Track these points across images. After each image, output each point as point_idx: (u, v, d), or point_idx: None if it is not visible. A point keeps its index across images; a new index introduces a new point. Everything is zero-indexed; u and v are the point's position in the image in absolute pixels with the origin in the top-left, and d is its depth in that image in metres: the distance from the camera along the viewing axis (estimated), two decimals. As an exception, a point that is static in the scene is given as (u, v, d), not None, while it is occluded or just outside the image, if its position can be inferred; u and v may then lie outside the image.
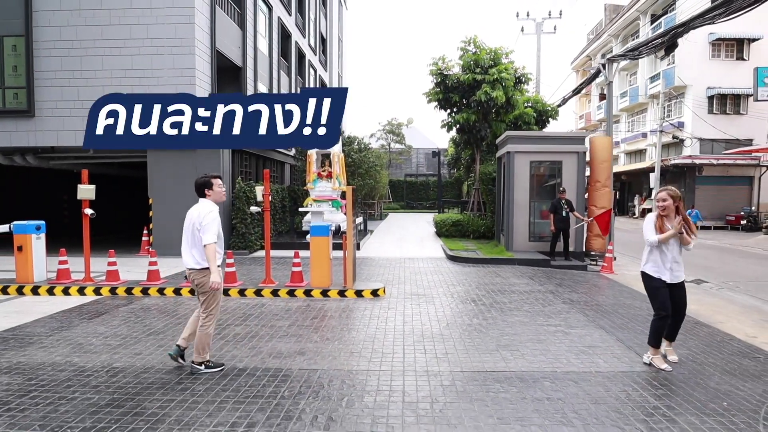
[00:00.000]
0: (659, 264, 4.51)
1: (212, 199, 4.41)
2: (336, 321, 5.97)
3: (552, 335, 5.43)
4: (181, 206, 12.50)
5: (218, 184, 4.44)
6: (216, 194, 4.42)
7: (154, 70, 12.24)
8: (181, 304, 6.85)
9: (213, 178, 4.43)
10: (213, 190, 4.41)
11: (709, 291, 9.17)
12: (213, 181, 4.41)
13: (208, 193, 4.39)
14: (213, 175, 4.49)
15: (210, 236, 4.15)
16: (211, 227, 4.18)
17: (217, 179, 4.45)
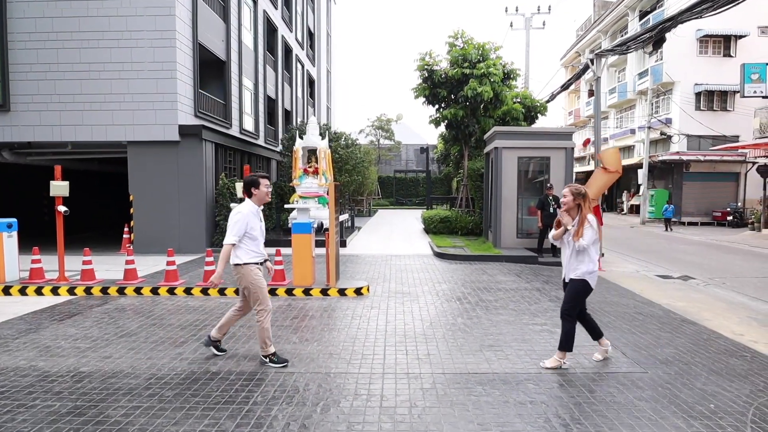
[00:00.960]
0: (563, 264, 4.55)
1: (256, 199, 4.42)
2: (317, 321, 5.80)
3: (537, 335, 5.32)
4: (162, 203, 12.37)
5: (265, 184, 4.43)
6: (260, 194, 4.42)
7: (134, 63, 11.93)
8: (158, 304, 6.63)
9: (261, 178, 4.43)
10: (259, 190, 4.40)
11: (696, 287, 9.13)
12: (261, 181, 4.41)
13: (254, 191, 4.39)
14: (261, 174, 4.48)
15: (228, 237, 4.23)
16: (233, 229, 4.22)
17: (265, 179, 4.45)
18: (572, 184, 4.50)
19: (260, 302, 4.33)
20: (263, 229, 4.55)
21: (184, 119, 12.26)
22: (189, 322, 5.74)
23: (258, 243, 4.39)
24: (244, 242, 4.29)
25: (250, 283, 4.30)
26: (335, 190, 6.90)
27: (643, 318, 6.18)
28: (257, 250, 4.36)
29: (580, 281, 4.34)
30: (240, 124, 16.12)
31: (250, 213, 4.31)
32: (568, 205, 4.38)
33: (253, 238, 4.32)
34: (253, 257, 4.34)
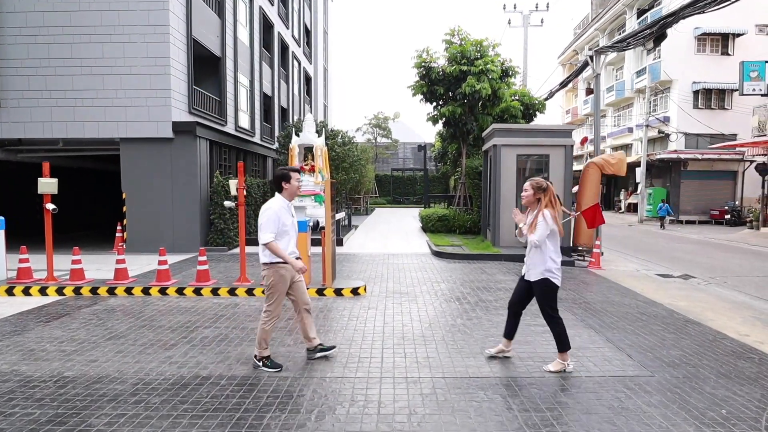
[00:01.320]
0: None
1: (287, 193, 4.26)
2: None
3: (539, 336, 5.16)
4: (156, 201, 12.16)
5: (296, 177, 4.29)
6: (292, 188, 4.26)
7: (127, 58, 11.71)
8: (148, 305, 6.44)
9: (292, 171, 4.29)
10: (290, 184, 4.24)
11: (697, 287, 9.01)
12: (292, 174, 4.26)
13: (285, 186, 4.23)
14: (292, 168, 4.34)
15: (265, 236, 4.05)
16: (266, 226, 4.07)
17: (296, 173, 4.30)
18: (534, 178, 4.39)
19: (271, 304, 4.20)
20: (295, 225, 4.38)
21: (178, 116, 12.05)
22: (180, 323, 5.56)
23: (289, 240, 4.23)
24: (276, 240, 4.11)
25: (270, 283, 4.16)
26: (331, 187, 6.72)
27: (646, 318, 6.04)
28: (287, 248, 4.19)
29: (541, 281, 4.22)
30: (235, 121, 15.91)
31: (281, 208, 4.15)
32: (528, 199, 4.26)
33: (283, 234, 4.15)
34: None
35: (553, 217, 4.17)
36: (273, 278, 4.15)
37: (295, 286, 4.30)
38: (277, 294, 4.18)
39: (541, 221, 4.13)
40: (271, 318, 4.20)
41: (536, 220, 4.16)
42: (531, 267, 4.28)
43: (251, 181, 14.48)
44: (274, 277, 4.15)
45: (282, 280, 4.16)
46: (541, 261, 4.19)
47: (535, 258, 4.23)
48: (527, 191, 4.26)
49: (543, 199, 4.20)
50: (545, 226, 4.13)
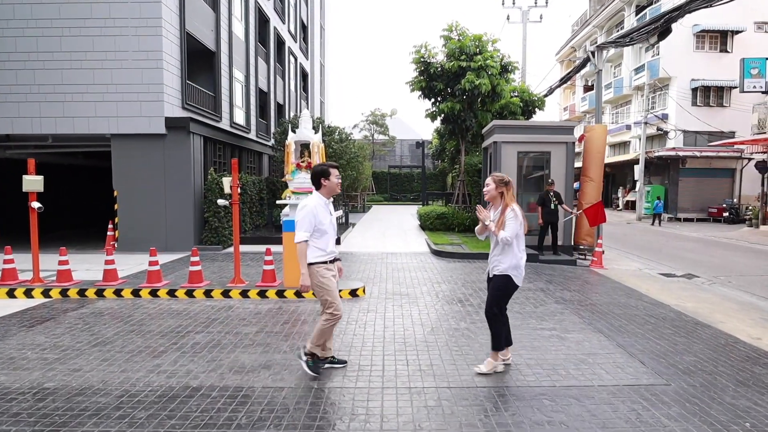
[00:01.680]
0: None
1: (325, 190, 4.07)
2: (309, 327, 5.38)
3: (547, 341, 4.94)
4: (148, 199, 11.85)
5: (335, 174, 4.10)
6: (331, 185, 4.07)
7: (118, 52, 11.39)
8: (138, 308, 6.18)
9: (331, 167, 4.09)
10: (329, 181, 4.05)
11: (702, 287, 8.84)
12: (331, 171, 4.06)
13: (323, 182, 4.04)
14: (331, 164, 4.14)
15: (298, 235, 3.89)
16: (301, 224, 3.90)
17: (335, 169, 4.11)
18: (495, 173, 4.26)
19: (329, 305, 3.97)
20: (334, 223, 4.16)
21: (171, 111, 11.75)
22: (170, 328, 5.30)
23: (327, 239, 4.02)
24: (312, 238, 3.94)
25: (316, 285, 3.95)
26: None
27: (655, 321, 5.83)
28: (326, 248, 3.99)
29: (503, 277, 4.07)
30: (230, 117, 15.61)
31: (318, 205, 3.96)
32: (491, 194, 4.11)
33: (322, 232, 3.96)
34: (321, 256, 3.97)
35: (522, 213, 4.06)
36: (315, 278, 3.95)
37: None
38: (331, 293, 3.96)
39: (511, 217, 3.98)
40: (333, 320, 3.99)
41: (504, 216, 4.00)
42: (495, 263, 4.12)
43: (246, 179, 14.21)
44: (316, 277, 3.95)
45: (324, 275, 3.96)
46: (509, 257, 4.05)
47: (504, 255, 4.07)
48: (489, 185, 4.11)
49: (506, 194, 4.07)
50: (516, 221, 3.98)
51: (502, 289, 4.11)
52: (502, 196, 4.09)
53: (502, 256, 4.07)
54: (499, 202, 4.11)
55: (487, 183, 4.16)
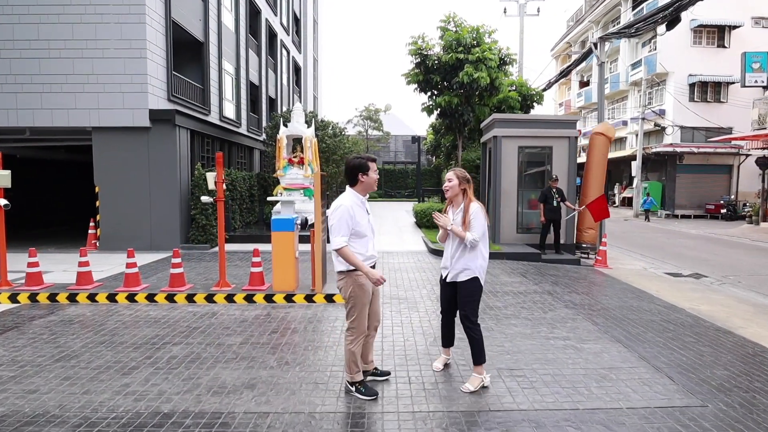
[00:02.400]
0: (443, 260, 3.94)
1: (362, 187, 3.58)
2: (300, 336, 4.90)
3: (561, 352, 4.49)
4: (132, 194, 11.26)
5: (374, 168, 3.60)
6: (369, 181, 3.57)
7: (99, 40, 10.79)
8: (112, 315, 5.66)
9: (369, 161, 3.58)
10: (368, 176, 3.55)
11: (711, 287, 8.46)
12: (370, 165, 3.56)
13: (361, 178, 3.54)
14: (369, 156, 3.62)
15: (336, 240, 3.40)
16: (337, 228, 3.40)
17: (373, 162, 3.61)
18: (456, 168, 3.89)
19: (354, 319, 3.55)
20: (372, 224, 3.68)
21: (156, 103, 11.18)
22: (146, 338, 4.80)
23: (366, 242, 3.55)
24: (351, 243, 3.47)
25: (349, 294, 3.51)
26: (322, 181, 5.98)
27: (674, 328, 5.41)
28: (365, 252, 3.52)
29: (474, 281, 3.74)
30: (220, 110, 15.03)
31: (354, 205, 3.48)
32: (453, 190, 3.76)
33: (359, 235, 3.49)
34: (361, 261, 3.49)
35: (484, 211, 3.76)
36: (351, 289, 3.49)
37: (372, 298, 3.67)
38: (360, 306, 3.52)
39: (477, 215, 3.68)
40: (356, 336, 3.55)
41: (468, 214, 3.68)
42: (460, 267, 3.74)
43: (236, 174, 13.67)
44: (353, 288, 3.49)
45: (363, 291, 3.50)
46: (478, 259, 3.73)
47: (468, 256, 3.72)
48: (452, 181, 3.75)
49: (469, 191, 3.76)
50: (483, 220, 3.69)
51: (475, 294, 3.76)
52: (464, 194, 3.76)
53: (469, 258, 3.71)
54: (461, 199, 3.77)
55: (449, 178, 3.79)
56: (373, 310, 3.70)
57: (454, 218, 3.78)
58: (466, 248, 3.70)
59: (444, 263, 3.89)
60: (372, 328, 3.74)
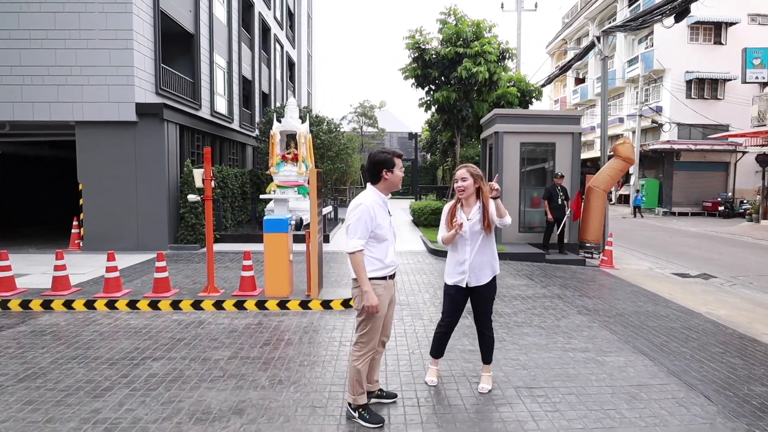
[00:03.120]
0: (451, 264, 3.58)
1: (385, 185, 3.13)
2: (294, 349, 4.47)
3: (583, 366, 4.10)
4: (118, 192, 10.72)
5: (399, 166, 3.15)
6: (394, 179, 3.13)
7: (83, 30, 10.27)
8: (90, 324, 5.20)
9: (395, 156, 3.13)
10: (393, 173, 3.11)
11: (723, 288, 8.13)
12: (396, 161, 3.11)
13: (386, 176, 3.09)
14: (395, 152, 3.17)
15: (352, 242, 2.98)
16: (354, 229, 2.98)
17: (399, 159, 3.16)
18: (468, 164, 3.50)
19: (364, 333, 3.10)
20: (393, 227, 3.25)
21: (143, 97, 10.67)
22: (124, 352, 4.35)
23: (386, 247, 3.10)
24: (369, 247, 3.03)
25: (363, 305, 3.02)
26: (318, 178, 5.55)
27: (697, 336, 5.03)
28: (384, 259, 3.08)
29: (494, 279, 3.58)
30: (211, 105, 14.52)
31: (375, 204, 3.04)
32: (469, 191, 3.42)
33: (379, 239, 3.05)
34: (378, 269, 3.06)
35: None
36: (368, 296, 3.03)
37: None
38: (373, 320, 3.08)
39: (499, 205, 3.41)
40: (365, 352, 3.11)
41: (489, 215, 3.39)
42: (484, 267, 3.48)
43: (227, 171, 13.18)
44: (369, 295, 3.02)
45: (379, 303, 3.04)
46: (494, 255, 3.53)
47: (490, 254, 3.50)
48: (467, 180, 3.41)
49: (484, 188, 3.45)
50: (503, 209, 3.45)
51: (494, 293, 3.64)
52: (478, 193, 3.44)
53: (491, 255, 3.50)
54: (474, 199, 3.44)
55: (462, 177, 3.41)
56: (385, 323, 3.27)
57: (469, 218, 3.42)
58: (487, 246, 3.44)
59: (458, 268, 3.48)
60: (381, 344, 3.32)
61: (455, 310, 3.58)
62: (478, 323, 3.64)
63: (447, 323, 3.63)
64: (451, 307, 3.59)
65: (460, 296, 3.54)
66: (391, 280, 3.16)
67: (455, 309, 3.58)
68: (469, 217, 3.42)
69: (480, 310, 3.59)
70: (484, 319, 3.61)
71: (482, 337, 3.66)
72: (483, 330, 3.64)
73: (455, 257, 3.52)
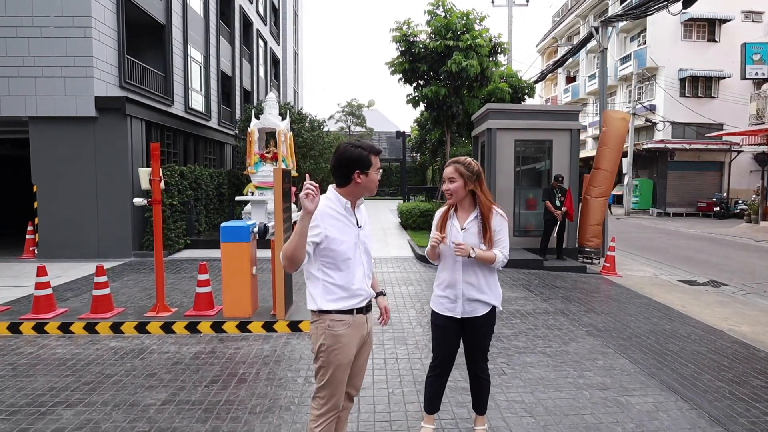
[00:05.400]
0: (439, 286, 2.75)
1: (355, 191, 2.29)
2: (247, 389, 3.62)
3: (603, 410, 3.30)
4: (76, 194, 9.69)
5: (377, 166, 2.31)
6: (368, 182, 2.29)
7: (36, 17, 9.37)
8: (8, 353, 4.29)
9: (373, 154, 2.28)
10: (368, 176, 2.27)
11: (737, 298, 7.44)
12: (372, 160, 2.27)
13: (357, 178, 2.25)
14: (372, 147, 2.30)
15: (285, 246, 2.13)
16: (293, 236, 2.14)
17: (376, 156, 2.30)
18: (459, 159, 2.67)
19: (322, 385, 2.26)
20: (366, 243, 2.38)
21: (104, 90, 9.76)
22: (34, 395, 3.47)
23: (352, 269, 2.25)
24: (324, 270, 2.23)
25: (318, 347, 2.24)
26: (283, 178, 4.69)
27: (729, 364, 4.27)
28: (351, 286, 2.25)
29: (492, 311, 2.74)
30: (186, 101, 13.60)
31: (327, 213, 2.22)
32: (458, 195, 2.62)
33: (337, 258, 2.21)
34: (341, 299, 2.24)
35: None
36: (324, 338, 2.23)
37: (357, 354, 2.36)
38: (332, 368, 2.24)
39: (503, 226, 2.63)
40: (324, 413, 2.26)
41: (491, 226, 2.59)
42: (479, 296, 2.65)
43: (201, 171, 12.27)
44: (327, 338, 2.23)
45: (341, 346, 2.23)
46: (494, 282, 2.72)
47: (489, 279, 2.68)
48: (455, 182, 2.61)
49: (480, 191, 2.62)
50: (507, 229, 2.65)
51: (492, 329, 2.80)
52: (473, 196, 2.64)
53: (491, 281, 2.68)
54: (469, 203, 2.66)
55: (449, 177, 2.62)
56: (354, 372, 2.41)
57: (464, 227, 2.62)
58: (485, 270, 2.63)
59: (446, 292, 2.68)
60: (347, 397, 2.48)
61: (448, 346, 2.77)
62: (471, 363, 2.83)
63: (439, 365, 2.81)
64: (441, 343, 2.77)
65: (453, 329, 2.72)
66: (361, 314, 2.33)
67: (448, 345, 2.77)
68: (463, 225, 2.63)
69: (473, 348, 2.78)
70: (479, 360, 2.80)
71: (475, 380, 2.85)
72: (477, 372, 2.83)
73: (444, 277, 2.71)
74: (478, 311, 2.65)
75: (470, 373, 2.86)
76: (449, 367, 2.82)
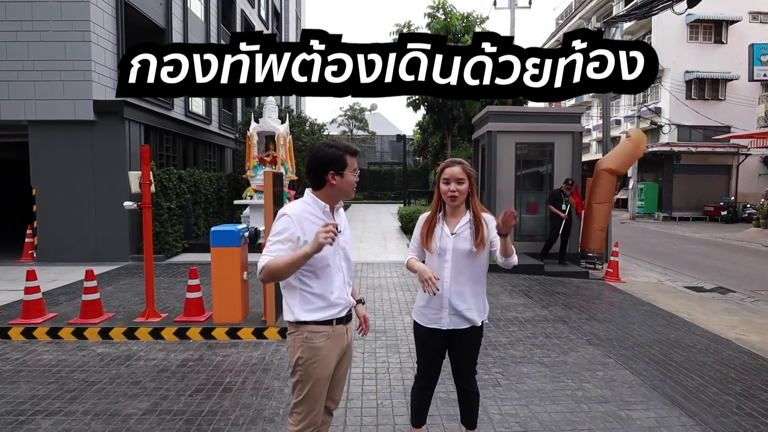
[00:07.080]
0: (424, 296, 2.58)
1: (329, 193, 2.18)
2: (232, 399, 3.50)
3: (602, 424, 3.15)
4: (75, 198, 9.67)
5: (353, 167, 2.19)
6: (343, 184, 2.17)
7: (35, 21, 9.35)
8: (-10, 362, 4.22)
9: (348, 154, 2.16)
10: (343, 177, 2.15)
11: (745, 305, 7.24)
12: (347, 160, 2.15)
13: (331, 180, 2.14)
14: (347, 146, 2.19)
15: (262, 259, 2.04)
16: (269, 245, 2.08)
17: (352, 157, 2.19)
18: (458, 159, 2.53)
19: (300, 401, 2.14)
20: (347, 249, 2.29)
21: (103, 94, 9.72)
22: (15, 402, 3.36)
23: (330, 276, 2.15)
24: (302, 278, 2.12)
25: (295, 361, 2.13)
26: (274, 181, 4.59)
27: (737, 376, 4.10)
28: (329, 295, 2.15)
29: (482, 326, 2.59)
30: (186, 105, 13.56)
31: (304, 217, 2.11)
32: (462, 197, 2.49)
33: (315, 265, 2.10)
34: (319, 309, 2.14)
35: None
36: (301, 352, 2.12)
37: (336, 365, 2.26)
38: (311, 383, 2.12)
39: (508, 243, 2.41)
40: (303, 427, 2.14)
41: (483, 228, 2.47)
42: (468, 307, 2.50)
43: (200, 175, 12.21)
44: (303, 351, 2.11)
45: (319, 360, 2.12)
46: (482, 291, 2.58)
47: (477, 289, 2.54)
48: (463, 183, 2.46)
49: (474, 194, 2.54)
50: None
51: (480, 341, 2.65)
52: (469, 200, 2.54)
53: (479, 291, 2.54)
54: (462, 208, 2.53)
55: (458, 178, 2.45)
56: (333, 384, 2.29)
57: (455, 231, 2.48)
58: (475, 274, 2.50)
59: (432, 303, 2.53)
60: (326, 411, 2.35)
61: (432, 359, 2.64)
62: (458, 377, 2.68)
63: (424, 376, 2.68)
64: (425, 356, 2.64)
65: (437, 342, 2.58)
66: (341, 325, 2.20)
67: (432, 358, 2.64)
68: (454, 230, 2.49)
69: (460, 362, 2.63)
70: (466, 373, 2.66)
71: (463, 393, 2.70)
72: (463, 385, 2.68)
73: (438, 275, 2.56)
74: (463, 322, 2.52)
75: (457, 386, 2.71)
76: (435, 379, 2.69)
